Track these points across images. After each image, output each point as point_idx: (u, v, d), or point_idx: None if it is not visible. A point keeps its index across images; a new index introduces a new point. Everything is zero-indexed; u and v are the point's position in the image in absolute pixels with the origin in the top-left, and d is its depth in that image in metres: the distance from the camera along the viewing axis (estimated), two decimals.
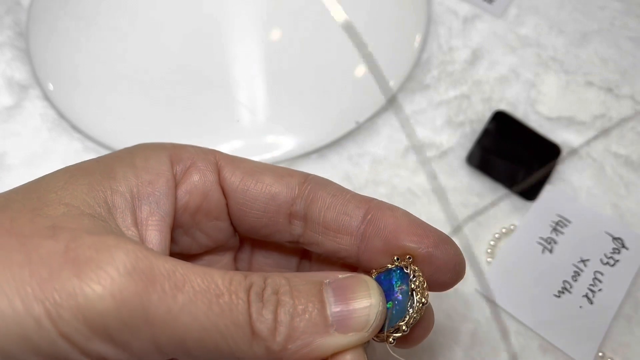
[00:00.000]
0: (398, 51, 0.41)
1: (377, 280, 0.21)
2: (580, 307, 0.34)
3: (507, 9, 0.43)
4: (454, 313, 0.34)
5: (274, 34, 0.41)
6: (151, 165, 0.21)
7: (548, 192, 0.37)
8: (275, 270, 0.25)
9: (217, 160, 0.22)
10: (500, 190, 0.38)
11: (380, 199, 0.22)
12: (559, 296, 0.34)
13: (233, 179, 0.22)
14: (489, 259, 0.36)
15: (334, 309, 0.19)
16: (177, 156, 0.22)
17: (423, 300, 0.21)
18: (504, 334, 0.34)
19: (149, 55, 0.40)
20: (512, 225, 0.37)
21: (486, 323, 0.34)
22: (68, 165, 0.21)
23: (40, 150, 0.39)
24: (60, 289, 0.16)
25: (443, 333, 0.34)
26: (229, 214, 0.23)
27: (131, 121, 0.39)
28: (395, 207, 0.22)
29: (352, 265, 0.23)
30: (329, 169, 0.38)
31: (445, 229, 0.24)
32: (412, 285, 0.21)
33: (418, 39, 0.42)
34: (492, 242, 0.36)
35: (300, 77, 0.40)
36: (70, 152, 0.39)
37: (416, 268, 0.21)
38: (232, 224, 0.23)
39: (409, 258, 0.21)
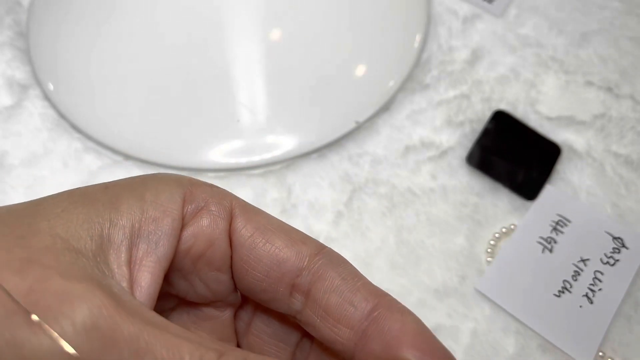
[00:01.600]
0: (398, 51, 0.41)
1: None
2: (581, 306, 0.34)
3: (507, 9, 0.43)
4: (454, 313, 0.34)
5: (274, 34, 0.41)
6: (161, 200, 0.19)
7: (548, 192, 0.37)
8: (273, 342, 0.23)
9: (232, 207, 0.20)
10: (500, 190, 0.38)
11: (393, 297, 0.20)
12: (559, 296, 0.34)
13: (243, 231, 0.20)
14: (489, 259, 0.36)
15: None
16: (191, 194, 0.20)
17: None
18: (504, 333, 0.34)
19: (149, 55, 0.40)
20: (512, 225, 0.37)
21: (486, 323, 0.34)
22: (79, 187, 0.20)
23: (40, 150, 0.39)
24: (8, 336, 0.15)
25: (443, 333, 0.34)
26: (231, 267, 0.21)
27: (131, 121, 0.39)
28: (407, 310, 0.20)
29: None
30: (329, 169, 0.38)
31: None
32: None
33: (418, 39, 0.42)
34: (492, 242, 0.36)
35: (300, 77, 0.40)
36: (71, 152, 0.39)
37: None
38: (233, 278, 0.22)
39: None
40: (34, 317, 0.15)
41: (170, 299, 0.22)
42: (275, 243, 0.20)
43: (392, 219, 0.37)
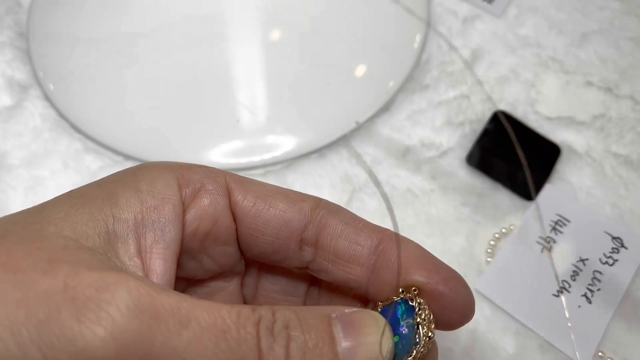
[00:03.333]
0: (398, 51, 0.41)
1: (383, 313, 0.20)
2: (579, 306, 0.34)
3: (506, 9, 0.43)
4: None
5: (274, 35, 0.41)
6: (157, 189, 0.20)
7: (548, 192, 0.37)
8: (282, 297, 0.24)
9: (227, 182, 0.21)
10: (500, 190, 0.38)
11: (393, 231, 0.22)
12: (557, 295, 0.34)
13: (245, 202, 0.21)
14: (488, 259, 0.36)
15: (343, 344, 0.18)
16: (185, 178, 0.21)
17: (429, 334, 0.20)
18: (504, 334, 0.34)
19: (149, 56, 0.40)
20: (512, 225, 0.37)
21: (486, 323, 0.34)
22: (73, 189, 0.20)
23: (40, 150, 0.39)
24: (59, 333, 0.15)
25: (443, 333, 0.34)
26: (237, 238, 0.22)
27: (131, 121, 0.39)
28: (408, 239, 0.22)
29: (361, 296, 0.22)
30: (329, 169, 0.39)
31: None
32: (418, 319, 0.20)
33: (418, 39, 0.42)
34: (492, 242, 0.36)
35: (300, 78, 0.40)
36: (71, 152, 0.39)
37: (421, 300, 0.20)
38: (239, 248, 0.22)
39: (415, 290, 0.21)
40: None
41: (179, 282, 0.22)
42: (278, 206, 0.21)
43: None
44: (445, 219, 0.37)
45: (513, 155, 0.38)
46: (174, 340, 0.16)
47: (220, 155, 0.38)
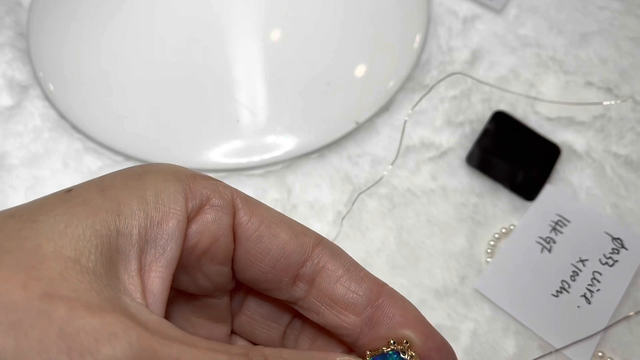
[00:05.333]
0: (398, 51, 0.41)
1: None
2: (578, 306, 0.34)
3: (506, 4, 0.43)
4: (454, 313, 0.34)
5: (274, 34, 0.41)
6: (163, 200, 0.19)
7: (548, 192, 0.37)
8: (264, 321, 0.24)
9: (233, 200, 0.21)
10: (500, 190, 0.38)
11: (393, 288, 0.22)
12: (556, 296, 0.34)
13: (249, 225, 0.21)
14: (488, 259, 0.36)
15: None
16: (192, 191, 0.20)
17: None
18: (504, 334, 0.34)
19: (149, 56, 0.40)
20: (512, 225, 0.37)
21: (486, 323, 0.34)
22: (72, 193, 0.19)
23: (41, 150, 0.39)
24: None
25: (443, 333, 0.34)
26: (233, 259, 0.21)
27: (131, 121, 0.39)
28: (406, 299, 0.21)
29: (344, 342, 0.22)
30: (329, 169, 0.39)
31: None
32: None
33: (418, 39, 0.42)
34: (492, 242, 0.36)
35: (300, 78, 0.40)
36: (71, 152, 0.39)
37: (414, 354, 0.21)
38: (233, 269, 0.22)
39: (407, 343, 0.21)
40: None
41: (170, 291, 0.22)
42: (280, 235, 0.21)
43: (392, 219, 0.37)
44: (445, 219, 0.37)
45: (513, 156, 0.38)
46: None
47: (220, 155, 0.38)
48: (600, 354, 0.33)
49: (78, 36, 0.41)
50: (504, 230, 0.36)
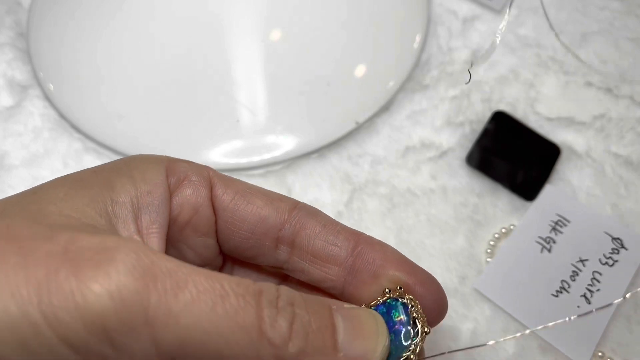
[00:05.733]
0: (398, 51, 0.41)
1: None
2: (578, 306, 0.34)
3: (506, 4, 0.43)
4: (453, 313, 0.34)
5: (274, 34, 0.41)
6: (149, 176, 0.21)
7: (548, 192, 0.37)
8: None
9: (210, 177, 0.22)
10: (500, 190, 0.38)
11: (370, 235, 0.23)
12: (556, 296, 0.34)
13: (225, 196, 0.22)
14: (488, 259, 0.36)
15: (343, 335, 0.19)
16: (172, 169, 0.22)
17: (426, 329, 0.21)
18: (504, 334, 0.34)
19: (149, 55, 0.40)
20: (512, 225, 0.37)
21: (486, 323, 0.34)
22: (66, 174, 0.21)
23: (41, 150, 0.39)
24: (57, 290, 0.16)
25: (443, 333, 0.34)
26: (216, 231, 0.23)
27: (131, 121, 0.39)
28: (384, 243, 0.22)
29: (335, 296, 0.23)
30: (329, 169, 0.39)
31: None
32: (414, 314, 0.21)
33: (418, 39, 0.42)
34: (491, 242, 0.36)
35: (300, 78, 0.40)
36: (71, 152, 0.39)
37: (412, 297, 0.21)
38: (218, 242, 0.23)
39: (400, 288, 0.21)
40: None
41: None
42: (256, 203, 0.22)
43: (392, 219, 0.37)
44: (445, 219, 0.37)
45: (513, 156, 0.38)
46: (169, 301, 0.16)
47: (220, 155, 0.38)
48: (600, 354, 0.33)
49: (78, 36, 0.41)
50: (504, 230, 0.36)
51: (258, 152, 0.38)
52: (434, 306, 0.22)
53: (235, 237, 0.22)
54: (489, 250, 0.36)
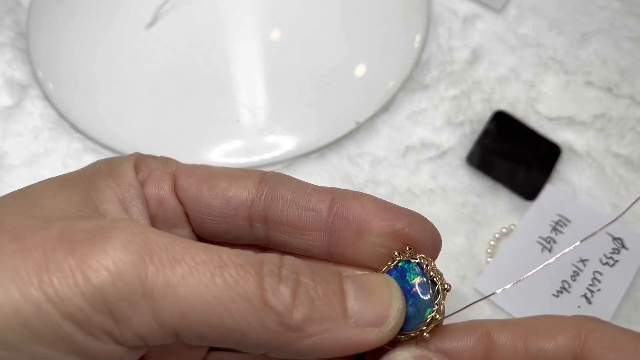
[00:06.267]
0: (398, 51, 0.41)
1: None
2: (579, 307, 0.34)
3: (506, 4, 0.43)
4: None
5: (274, 34, 0.41)
6: (124, 173, 0.21)
7: (548, 192, 0.37)
8: None
9: (173, 170, 0.22)
10: (500, 190, 0.38)
11: (344, 188, 0.22)
12: (557, 296, 0.34)
13: (187, 186, 0.22)
14: (489, 259, 0.36)
15: (354, 301, 0.18)
16: (138, 166, 0.22)
17: (446, 285, 0.20)
18: None
19: (149, 55, 0.40)
20: (512, 225, 0.37)
21: None
22: (52, 177, 0.21)
23: (40, 150, 0.39)
24: (56, 270, 0.16)
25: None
26: (189, 222, 0.22)
27: (131, 121, 0.39)
28: (360, 193, 0.22)
29: (327, 261, 0.23)
30: (329, 169, 0.39)
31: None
32: (431, 272, 0.20)
33: (418, 39, 0.42)
34: (492, 242, 0.36)
35: (300, 77, 0.40)
36: (71, 152, 0.39)
37: (424, 256, 0.21)
38: (194, 231, 0.23)
39: (410, 249, 0.21)
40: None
41: None
42: (219, 185, 0.22)
43: None
44: (445, 219, 0.37)
45: (513, 155, 0.38)
46: (167, 273, 0.16)
47: (220, 155, 0.38)
48: None
49: (78, 36, 0.41)
50: (504, 230, 0.36)
51: (258, 152, 0.38)
52: (427, 242, 0.21)
53: (208, 224, 0.22)
54: (489, 250, 0.36)
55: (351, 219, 0.21)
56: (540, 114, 0.40)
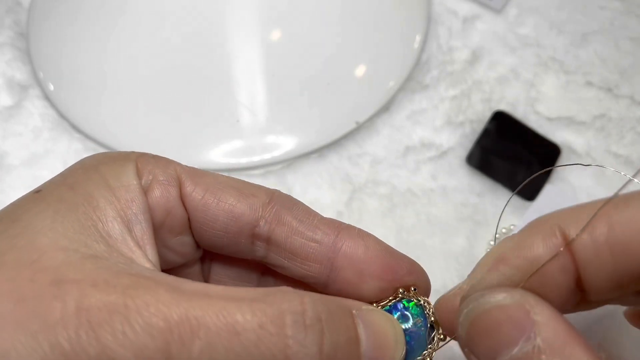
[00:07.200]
0: (398, 51, 0.41)
1: (389, 312, 0.21)
2: None
3: (506, 4, 0.43)
4: None
5: (274, 34, 0.41)
6: (124, 182, 0.20)
7: (548, 192, 0.37)
8: (234, 283, 0.24)
9: (177, 174, 0.21)
10: (500, 190, 0.38)
11: (350, 224, 0.22)
12: None
13: (194, 194, 0.21)
14: None
15: (365, 346, 0.18)
16: (141, 169, 0.21)
17: (441, 336, 0.21)
18: None
19: (149, 56, 0.40)
20: (512, 225, 0.37)
21: None
22: (41, 191, 0.20)
23: (40, 150, 0.39)
24: (85, 356, 0.15)
25: None
26: (191, 228, 0.22)
27: (131, 121, 0.39)
28: (366, 233, 0.22)
29: (318, 291, 0.23)
30: (329, 169, 0.39)
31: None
32: (432, 317, 0.21)
33: (418, 39, 0.42)
34: (492, 242, 0.36)
35: (300, 78, 0.40)
36: (71, 152, 0.39)
37: (427, 299, 0.21)
38: (194, 238, 0.22)
39: (415, 289, 0.21)
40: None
41: None
42: (227, 200, 0.21)
43: (392, 219, 0.37)
44: (445, 219, 0.37)
45: (513, 156, 0.38)
46: (188, 350, 0.16)
47: (220, 155, 0.38)
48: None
49: (78, 36, 0.41)
50: (504, 230, 0.36)
51: (258, 152, 0.38)
52: (423, 293, 0.22)
53: (210, 236, 0.22)
54: (489, 250, 0.36)
55: (355, 259, 0.21)
56: (540, 114, 0.40)
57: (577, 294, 0.19)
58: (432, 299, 0.35)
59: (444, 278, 0.35)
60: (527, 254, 0.18)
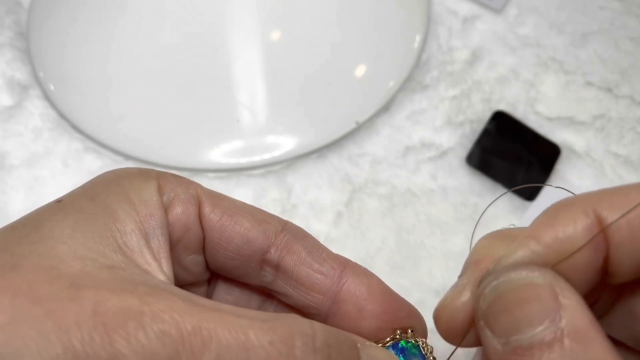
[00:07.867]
0: (398, 51, 0.41)
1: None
2: None
3: (506, 4, 0.43)
4: None
5: (274, 34, 0.41)
6: (145, 197, 0.21)
7: (548, 192, 0.37)
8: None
9: (198, 194, 0.22)
10: (500, 190, 0.38)
11: (356, 262, 0.23)
12: None
13: (212, 215, 0.22)
14: None
15: None
16: (162, 187, 0.22)
17: None
18: None
19: (149, 56, 0.40)
20: (512, 225, 0.37)
21: None
22: (63, 202, 0.20)
23: (41, 151, 0.39)
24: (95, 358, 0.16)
25: None
26: (204, 248, 0.23)
27: (131, 121, 0.39)
28: (370, 273, 0.22)
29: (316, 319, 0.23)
30: (329, 169, 0.39)
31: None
32: (431, 358, 0.21)
33: (418, 39, 0.42)
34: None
35: (300, 78, 0.40)
36: (71, 152, 0.39)
37: (425, 341, 0.22)
38: (205, 259, 0.23)
39: (412, 331, 0.22)
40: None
41: None
42: (243, 224, 0.22)
43: (392, 219, 0.37)
44: (445, 219, 0.37)
45: (513, 156, 0.38)
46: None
47: (220, 155, 0.38)
48: None
49: (78, 36, 0.41)
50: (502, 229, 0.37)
51: (258, 152, 0.38)
52: (419, 335, 0.23)
53: (221, 257, 0.22)
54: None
55: (358, 295, 0.22)
56: (539, 114, 0.40)
57: (599, 276, 0.19)
58: (433, 303, 0.35)
59: (444, 278, 0.35)
60: (560, 234, 0.18)
